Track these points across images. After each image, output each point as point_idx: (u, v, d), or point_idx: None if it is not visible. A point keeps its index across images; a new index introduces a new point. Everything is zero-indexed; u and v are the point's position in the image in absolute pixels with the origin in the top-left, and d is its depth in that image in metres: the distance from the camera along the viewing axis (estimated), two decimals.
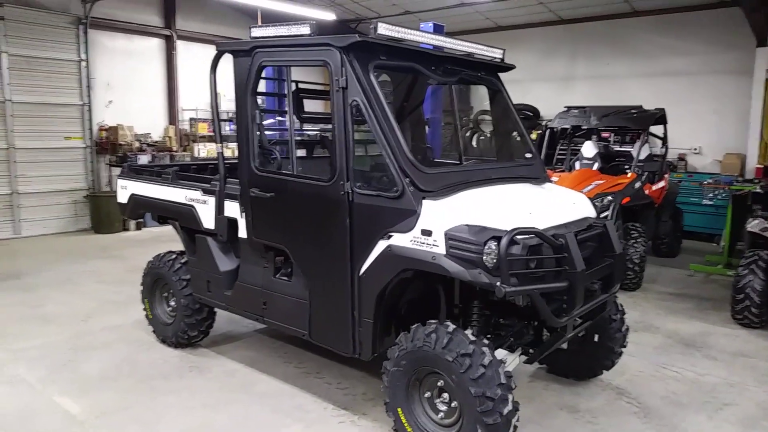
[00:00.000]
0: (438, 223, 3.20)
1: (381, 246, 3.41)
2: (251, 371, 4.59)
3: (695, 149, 10.88)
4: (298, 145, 5.15)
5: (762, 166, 9.79)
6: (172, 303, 4.95)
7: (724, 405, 4.16)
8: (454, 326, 3.22)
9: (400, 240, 3.32)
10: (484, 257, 3.06)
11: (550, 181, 4.45)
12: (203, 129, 12.03)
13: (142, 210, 5.24)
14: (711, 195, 9.21)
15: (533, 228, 3.15)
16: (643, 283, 7.11)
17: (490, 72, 4.50)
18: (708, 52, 10.50)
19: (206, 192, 4.45)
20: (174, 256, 4.92)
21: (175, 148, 11.42)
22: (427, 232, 3.22)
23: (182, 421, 3.81)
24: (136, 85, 11.26)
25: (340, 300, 3.64)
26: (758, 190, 7.17)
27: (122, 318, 5.68)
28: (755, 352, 5.18)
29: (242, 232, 4.17)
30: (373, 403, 4.04)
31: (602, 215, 6.25)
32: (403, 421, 3.39)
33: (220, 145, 4.31)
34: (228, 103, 10.24)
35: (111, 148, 10.47)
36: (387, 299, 3.57)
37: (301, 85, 4.68)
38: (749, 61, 9.77)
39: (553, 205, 3.76)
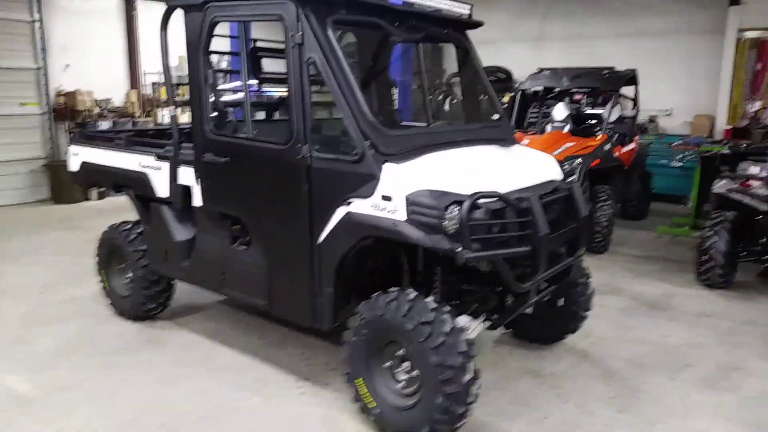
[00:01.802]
0: (399, 188, 3.07)
1: (341, 213, 3.27)
2: (211, 344, 4.47)
3: (666, 111, 10.88)
4: (257, 108, 4.95)
5: (731, 127, 9.85)
6: (129, 275, 4.77)
7: (685, 366, 4.18)
8: (416, 293, 3.13)
9: (360, 206, 3.19)
10: (446, 223, 2.95)
11: (518, 143, 4.34)
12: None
13: (94, 178, 5.00)
14: (680, 157, 9.22)
15: (496, 191, 3.04)
16: (610, 245, 7.13)
17: (457, 29, 4.32)
18: (681, 11, 10.40)
19: (160, 158, 4.24)
20: (129, 226, 4.72)
21: (137, 114, 11.02)
22: (387, 198, 3.09)
23: (136, 398, 3.68)
24: (95, 48, 10.73)
25: (298, 269, 3.51)
26: (726, 151, 7.17)
27: (80, 290, 5.49)
28: (718, 312, 5.23)
29: (197, 200, 3.99)
30: (336, 372, 3.97)
31: (571, 178, 6.19)
32: (364, 391, 3.31)
33: (173, 108, 4.09)
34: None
35: (70, 114, 10.03)
36: (348, 268, 3.46)
37: (263, 44, 4.45)
38: (722, 20, 9.71)
39: (519, 167, 3.65)
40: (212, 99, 3.76)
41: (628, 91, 8.80)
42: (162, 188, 4.26)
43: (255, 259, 3.76)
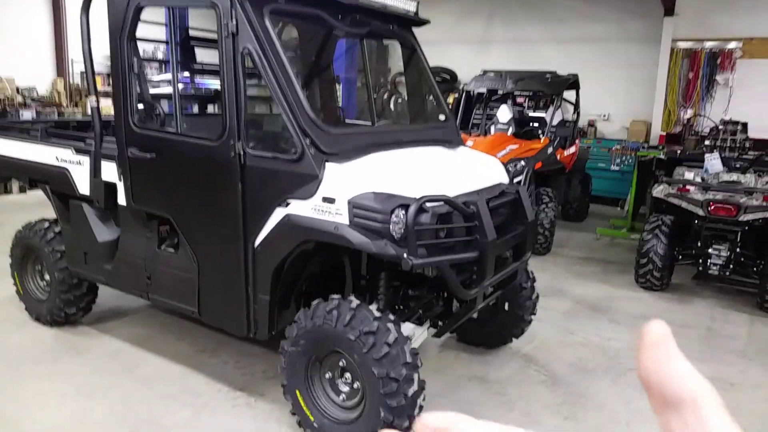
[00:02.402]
0: (341, 189, 2.88)
1: (279, 215, 3.06)
2: (138, 351, 4.16)
3: (604, 116, 11.13)
4: (190, 101, 4.64)
5: (665, 134, 10.17)
6: (47, 277, 4.38)
7: (627, 370, 4.19)
8: (358, 302, 2.95)
9: (299, 208, 2.98)
10: (391, 227, 2.79)
11: (464, 145, 4.23)
12: (98, 83, 10.97)
13: (6, 172, 4.59)
14: (618, 161, 9.44)
15: (443, 195, 2.91)
16: (552, 247, 7.18)
17: (403, 26, 4.17)
18: (619, 20, 10.65)
19: (79, 152, 3.89)
20: (47, 225, 4.33)
21: (64, 104, 10.36)
22: (329, 200, 2.90)
23: (53, 413, 3.35)
24: (18, 32, 10.01)
25: (231, 275, 3.27)
26: (662, 156, 7.35)
27: None
28: (656, 314, 5.28)
29: (121, 198, 3.68)
30: (273, 382, 3.74)
31: (516, 180, 6.17)
32: (302, 403, 3.12)
33: (93, 97, 3.75)
34: None
35: None
36: (286, 273, 3.25)
37: (200, 34, 4.16)
38: (657, 29, 10.00)
39: (465, 170, 3.54)
40: (138, 90, 3.46)
41: (569, 95, 8.93)
42: (83, 184, 3.91)
43: (184, 263, 3.49)
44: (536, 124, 8.77)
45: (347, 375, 3.05)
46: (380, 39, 4.75)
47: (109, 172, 3.73)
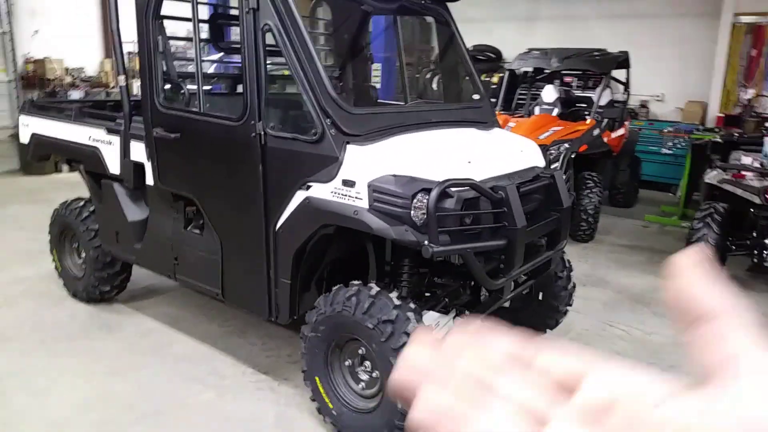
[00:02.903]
0: (362, 172, 2.78)
1: (299, 197, 2.98)
2: (169, 331, 4.19)
3: (658, 96, 10.60)
4: (220, 81, 4.61)
5: (723, 115, 9.60)
6: (83, 255, 4.46)
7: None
8: (378, 288, 2.85)
9: (319, 191, 2.90)
10: (413, 212, 2.67)
11: (499, 126, 4.05)
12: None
13: (44, 151, 4.66)
14: (670, 144, 8.98)
15: (468, 179, 2.76)
16: (596, 234, 6.89)
17: (437, 2, 4.00)
18: None
19: (111, 131, 3.90)
20: (82, 204, 4.40)
21: (112, 84, 10.58)
22: (349, 183, 2.80)
23: (79, 390, 3.40)
24: (67, 14, 10.24)
25: (253, 258, 3.22)
26: (718, 139, 6.93)
27: (33, 269, 5.16)
28: None
29: (149, 178, 3.68)
30: (298, 366, 3.66)
31: (554, 165, 5.92)
32: (321, 390, 3.06)
33: (122, 77, 3.74)
34: None
35: (39, 83, 9.60)
36: (308, 257, 3.18)
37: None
38: (717, 3, 9.39)
39: (497, 153, 3.37)
40: (164, 69, 3.43)
41: (619, 74, 8.51)
42: (113, 164, 3.93)
43: (209, 245, 3.46)
44: (583, 105, 8.42)
45: (367, 363, 2.97)
46: (413, 15, 4.57)
47: (138, 152, 3.73)
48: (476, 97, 4.05)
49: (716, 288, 0.36)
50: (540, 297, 3.97)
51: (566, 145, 6.65)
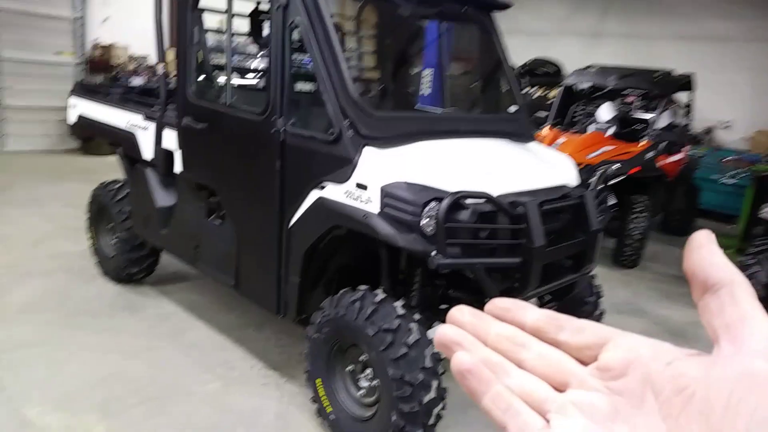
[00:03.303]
0: (376, 176, 2.72)
1: (313, 197, 2.95)
2: (187, 316, 4.25)
3: (725, 123, 10.08)
4: (257, 75, 4.66)
5: None
6: (116, 235, 4.59)
7: None
8: (384, 296, 2.79)
9: (333, 192, 2.86)
10: (423, 221, 2.59)
11: (534, 140, 3.91)
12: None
13: (88, 132, 4.84)
14: (732, 173, 8.50)
15: (484, 192, 2.65)
16: (642, 261, 6.59)
17: (480, 9, 3.90)
18: (749, 17, 9.55)
19: (147, 117, 4.00)
20: (118, 186, 4.53)
21: (173, 73, 10.90)
22: (362, 186, 2.75)
23: (92, 367, 3.49)
24: (137, 2, 10.61)
25: (266, 252, 3.22)
26: None
27: (73, 245, 5.36)
28: None
29: (177, 166, 3.74)
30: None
31: (595, 184, 5.67)
32: (321, 393, 3.02)
33: (162, 65, 3.83)
34: None
35: (104, 67, 10.01)
36: (319, 258, 3.15)
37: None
38: None
39: (524, 167, 3.24)
40: (198, 61, 3.48)
41: (684, 97, 8.12)
42: (147, 150, 4.03)
43: (226, 236, 3.49)
44: (642, 126, 8.08)
45: (368, 370, 2.91)
46: (453, 22, 4.48)
47: (170, 139, 3.80)
48: (513, 108, 3.93)
49: (726, 259, 0.40)
50: None
51: (618, 165, 6.40)
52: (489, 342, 0.44)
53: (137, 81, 9.74)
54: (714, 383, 0.35)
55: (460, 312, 0.46)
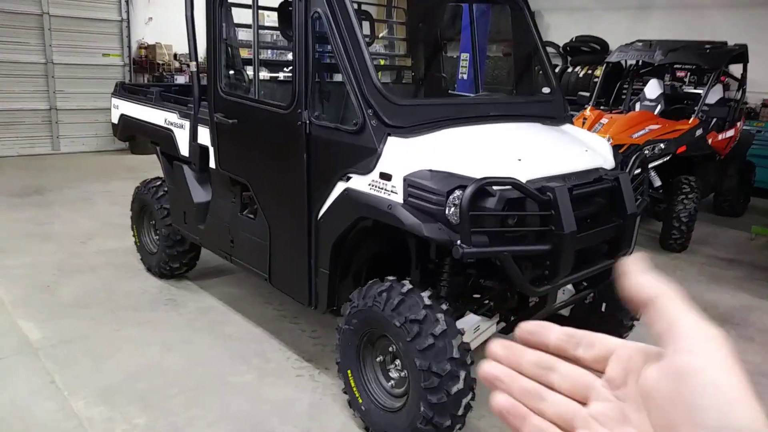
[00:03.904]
0: (399, 165, 2.69)
1: (340, 188, 2.95)
2: (227, 310, 4.34)
3: None
4: (282, 69, 4.68)
5: None
6: (158, 232, 4.72)
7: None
8: (410, 286, 2.77)
9: (358, 183, 2.85)
10: (448, 210, 2.55)
11: (571, 122, 3.79)
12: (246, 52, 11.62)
13: (130, 131, 4.97)
14: None
15: (510, 178, 2.58)
16: (691, 244, 6.33)
17: None
18: None
19: (183, 115, 4.08)
20: (159, 183, 4.65)
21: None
22: (386, 176, 2.72)
23: (132, 359, 3.61)
24: (179, 2, 10.84)
25: (297, 245, 3.24)
26: None
27: (119, 242, 5.55)
28: None
29: (212, 162, 3.81)
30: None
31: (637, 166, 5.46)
32: (352, 384, 3.03)
33: (194, 63, 3.89)
34: None
35: (149, 67, 10.28)
36: (347, 250, 3.15)
37: None
38: None
39: (555, 151, 3.14)
40: (227, 56, 3.51)
41: (737, 70, 7.71)
42: (184, 147, 4.11)
43: (260, 230, 3.53)
44: (691, 102, 7.71)
45: (398, 361, 2.90)
46: (485, 3, 4.38)
47: (204, 135, 3.87)
48: (546, 90, 3.81)
49: (649, 278, 0.47)
50: (603, 308, 3.70)
51: (662, 145, 6.16)
52: (523, 370, 0.52)
53: (181, 79, 9.98)
54: (662, 383, 0.43)
55: (495, 346, 0.53)
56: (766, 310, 4.88)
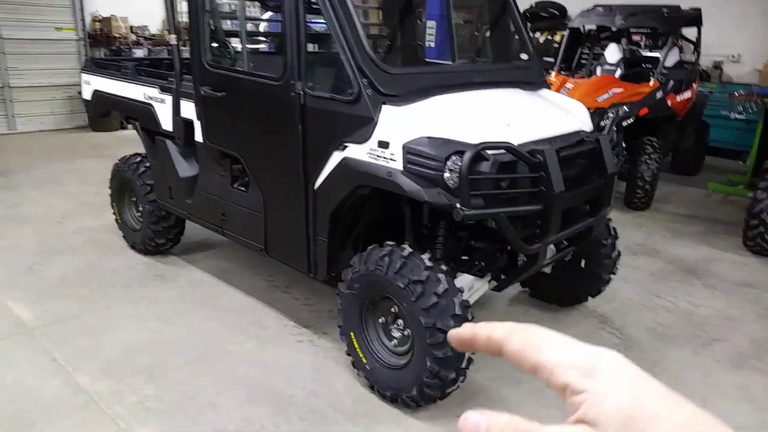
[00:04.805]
0: (397, 133, 2.78)
1: (336, 158, 3.02)
2: (218, 282, 4.39)
3: (733, 57, 9.93)
4: (269, 39, 4.66)
5: None
6: (140, 208, 4.70)
7: (713, 340, 3.85)
8: (411, 250, 2.89)
9: (355, 152, 2.93)
10: (446, 175, 2.67)
11: (548, 87, 3.93)
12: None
13: (105, 108, 4.88)
14: (740, 108, 8.44)
15: (504, 142, 2.72)
16: (654, 202, 6.65)
17: None
18: None
19: (163, 90, 4.05)
20: (139, 159, 4.61)
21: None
22: (384, 144, 2.82)
23: (131, 334, 3.65)
24: None
25: (293, 215, 3.31)
26: None
27: (96, 221, 5.49)
28: (761, 282, 4.80)
29: (198, 136, 3.81)
30: (337, 321, 3.81)
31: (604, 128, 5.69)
32: (356, 345, 3.16)
33: (174, 36, 3.85)
34: None
35: (105, 41, 9.95)
36: (346, 217, 3.24)
37: None
38: None
39: (539, 115, 3.28)
40: (211, 28, 3.50)
41: (691, 33, 8.00)
42: (166, 121, 4.09)
43: (253, 202, 3.58)
44: (649, 65, 7.99)
45: (399, 321, 3.03)
46: None
47: (188, 109, 3.85)
48: (525, 56, 3.94)
49: (486, 329, 0.50)
50: (583, 264, 3.91)
51: (625, 108, 6.39)
52: None
53: (139, 52, 9.71)
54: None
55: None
56: (725, 261, 5.22)
